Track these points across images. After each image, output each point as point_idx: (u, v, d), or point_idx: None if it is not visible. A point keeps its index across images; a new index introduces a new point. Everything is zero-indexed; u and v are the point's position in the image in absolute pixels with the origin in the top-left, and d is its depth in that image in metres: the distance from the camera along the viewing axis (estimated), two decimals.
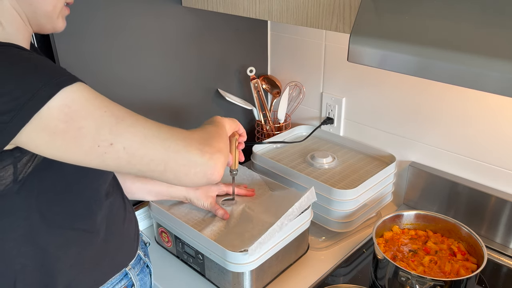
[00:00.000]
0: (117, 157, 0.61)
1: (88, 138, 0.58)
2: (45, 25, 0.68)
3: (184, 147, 0.66)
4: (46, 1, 0.66)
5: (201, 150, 0.67)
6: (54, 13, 0.67)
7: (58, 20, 0.69)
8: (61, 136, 0.57)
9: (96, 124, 0.58)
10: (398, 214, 1.07)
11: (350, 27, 0.82)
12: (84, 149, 0.59)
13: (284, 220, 0.95)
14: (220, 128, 0.81)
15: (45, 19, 0.68)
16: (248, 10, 1.01)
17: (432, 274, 0.94)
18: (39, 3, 0.65)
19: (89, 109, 0.58)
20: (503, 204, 1.06)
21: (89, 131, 0.58)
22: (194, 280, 1.03)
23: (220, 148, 0.71)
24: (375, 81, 1.25)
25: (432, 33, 0.67)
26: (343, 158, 1.28)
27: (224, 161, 0.70)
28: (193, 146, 0.67)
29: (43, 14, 0.67)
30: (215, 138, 0.73)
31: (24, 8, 0.65)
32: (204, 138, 0.71)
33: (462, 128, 1.11)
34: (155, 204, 1.08)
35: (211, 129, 0.77)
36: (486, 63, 0.62)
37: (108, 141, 0.59)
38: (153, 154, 0.63)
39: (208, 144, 0.69)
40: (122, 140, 0.60)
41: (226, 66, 1.40)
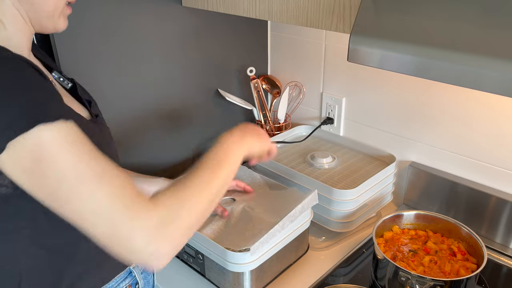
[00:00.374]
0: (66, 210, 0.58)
1: (48, 188, 0.57)
2: (46, 25, 0.68)
3: (131, 229, 0.58)
4: (47, 1, 0.66)
5: (150, 240, 0.58)
6: (55, 13, 0.67)
7: (59, 20, 0.69)
8: (28, 174, 0.56)
9: (58, 177, 0.56)
10: (398, 214, 1.07)
11: (350, 27, 0.82)
12: (43, 194, 0.58)
13: (286, 221, 0.95)
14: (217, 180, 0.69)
15: (46, 19, 0.67)
16: (248, 10, 1.01)
17: (432, 274, 0.94)
18: (41, 3, 0.65)
19: (58, 158, 0.56)
20: (503, 204, 1.06)
21: (51, 182, 0.56)
22: (194, 280, 1.03)
23: (181, 239, 0.62)
24: (375, 81, 1.25)
25: (432, 33, 0.67)
26: (343, 158, 1.28)
27: (175, 251, 0.62)
28: (143, 232, 0.58)
29: (45, 14, 0.66)
30: (183, 216, 0.63)
31: (26, 8, 0.65)
32: (168, 217, 0.61)
33: (462, 128, 1.11)
34: None
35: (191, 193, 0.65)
36: (486, 63, 0.62)
37: (64, 199, 0.57)
38: (101, 224, 0.58)
39: (166, 234, 0.59)
40: (76, 201, 0.57)
41: (226, 66, 1.40)
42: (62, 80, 0.79)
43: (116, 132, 1.15)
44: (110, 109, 1.13)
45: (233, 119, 1.48)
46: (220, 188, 0.71)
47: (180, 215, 0.62)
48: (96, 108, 0.84)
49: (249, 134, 0.83)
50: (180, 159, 1.35)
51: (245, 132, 0.82)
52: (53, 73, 0.78)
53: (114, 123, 1.15)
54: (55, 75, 0.78)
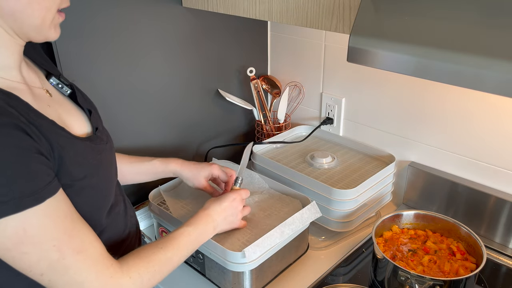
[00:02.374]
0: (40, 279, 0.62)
1: (26, 264, 0.59)
2: (35, 37, 0.64)
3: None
4: (33, 15, 0.61)
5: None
6: (43, 25, 0.63)
7: (49, 31, 0.65)
8: (3, 251, 0.58)
9: (40, 255, 0.59)
10: (397, 214, 1.07)
11: (350, 27, 0.82)
12: (18, 267, 0.60)
13: (284, 228, 0.95)
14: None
15: (34, 32, 0.63)
16: (248, 11, 1.02)
17: (431, 273, 0.94)
18: (25, 18, 0.61)
19: (41, 238, 0.59)
20: (502, 204, 1.07)
21: (30, 259, 0.59)
22: (194, 279, 1.03)
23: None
24: (374, 82, 1.25)
25: (431, 34, 0.67)
26: (342, 158, 1.28)
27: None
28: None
29: (31, 28, 0.62)
30: None
31: (10, 23, 0.60)
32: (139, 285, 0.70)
33: (462, 128, 1.11)
34: (155, 204, 1.08)
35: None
36: (486, 63, 0.62)
37: (41, 273, 0.61)
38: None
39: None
40: (52, 276, 0.61)
41: (226, 67, 1.40)
42: (60, 86, 0.76)
43: (116, 132, 1.16)
44: (110, 109, 1.13)
45: (233, 120, 1.48)
46: (189, 254, 0.82)
47: (151, 282, 0.72)
48: (97, 117, 0.81)
49: (224, 222, 0.92)
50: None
51: (222, 218, 0.91)
52: (51, 79, 0.75)
53: (114, 123, 1.15)
54: (53, 82, 0.75)
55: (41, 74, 0.75)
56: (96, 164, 0.71)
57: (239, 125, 1.51)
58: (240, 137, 1.54)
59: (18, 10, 0.59)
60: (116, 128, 1.16)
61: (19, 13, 0.60)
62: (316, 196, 1.09)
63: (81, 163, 0.67)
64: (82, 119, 0.76)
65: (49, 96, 0.71)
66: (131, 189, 1.23)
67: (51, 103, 0.70)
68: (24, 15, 0.60)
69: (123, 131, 1.18)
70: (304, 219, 1.00)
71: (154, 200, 1.10)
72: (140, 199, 1.26)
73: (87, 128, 0.76)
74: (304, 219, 1.00)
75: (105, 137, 0.79)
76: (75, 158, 0.65)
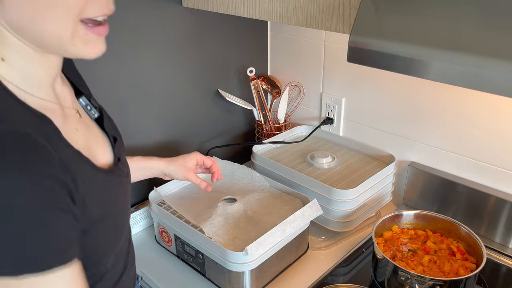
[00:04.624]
0: None
1: None
2: (63, 54, 0.55)
3: None
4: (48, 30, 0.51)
5: None
6: (63, 41, 0.52)
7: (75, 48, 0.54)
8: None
9: None
10: (397, 214, 1.07)
11: (350, 27, 0.82)
12: None
13: (285, 226, 0.95)
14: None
15: (58, 49, 0.54)
16: (248, 11, 1.02)
17: (431, 273, 0.94)
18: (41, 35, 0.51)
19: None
20: (502, 204, 1.07)
21: None
22: (194, 279, 1.03)
23: None
24: (374, 82, 1.25)
25: (431, 34, 0.67)
26: (342, 158, 1.28)
27: None
28: None
29: (52, 44, 0.53)
30: None
31: (27, 38, 0.52)
32: None
33: (462, 128, 1.11)
34: (155, 204, 1.08)
35: None
36: (486, 63, 0.62)
37: None
38: None
39: None
40: None
41: (226, 67, 1.40)
42: (89, 108, 0.70)
43: None
44: (109, 109, 1.13)
45: (233, 120, 1.48)
46: None
47: None
48: (121, 146, 0.74)
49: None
50: None
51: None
52: (81, 99, 0.69)
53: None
54: (83, 102, 0.69)
55: (72, 91, 0.68)
56: (114, 201, 0.64)
57: (239, 125, 1.52)
58: (240, 137, 1.54)
59: (28, 28, 0.51)
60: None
61: (31, 31, 0.51)
62: (316, 196, 1.09)
63: (101, 203, 0.60)
64: (106, 146, 0.69)
65: (78, 117, 0.65)
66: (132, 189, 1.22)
67: (79, 126, 0.63)
68: (37, 32, 0.51)
69: (122, 131, 1.17)
70: (306, 217, 1.00)
71: (154, 200, 1.10)
72: (140, 199, 1.26)
73: (110, 157, 0.68)
74: (305, 217, 1.00)
75: (126, 168, 0.72)
76: (96, 197, 0.58)
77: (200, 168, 1.09)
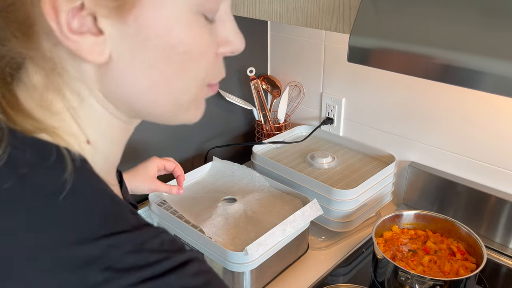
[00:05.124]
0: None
1: None
2: (165, 123, 0.47)
3: None
4: (159, 101, 0.42)
5: None
6: (178, 110, 0.45)
7: (188, 114, 0.47)
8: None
9: None
10: (397, 214, 1.07)
11: (350, 27, 0.82)
12: None
13: (285, 226, 0.95)
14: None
15: (162, 119, 0.45)
16: (248, 11, 1.01)
17: (431, 273, 0.94)
18: (148, 105, 0.42)
19: None
20: (502, 204, 1.06)
21: None
22: None
23: None
24: (375, 82, 1.25)
25: (432, 33, 0.67)
26: (342, 158, 1.28)
27: None
28: None
29: (157, 115, 0.45)
30: None
31: (127, 112, 0.44)
32: None
33: (462, 128, 1.11)
34: (155, 204, 1.08)
35: None
36: (486, 63, 0.62)
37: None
38: None
39: None
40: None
41: (226, 66, 1.39)
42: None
43: None
44: None
45: (233, 119, 1.48)
46: None
47: None
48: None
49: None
50: (180, 159, 1.36)
51: None
52: None
53: None
54: None
55: None
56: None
57: (239, 125, 1.51)
58: (240, 137, 1.54)
59: (136, 98, 0.42)
60: None
61: (138, 101, 0.42)
62: (316, 196, 1.09)
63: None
64: None
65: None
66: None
67: None
68: (146, 102, 0.42)
69: None
70: (306, 217, 1.00)
71: (154, 200, 1.10)
72: (140, 199, 1.26)
73: None
74: (305, 217, 1.00)
75: None
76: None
77: (161, 172, 1.01)
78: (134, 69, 0.40)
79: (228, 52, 0.47)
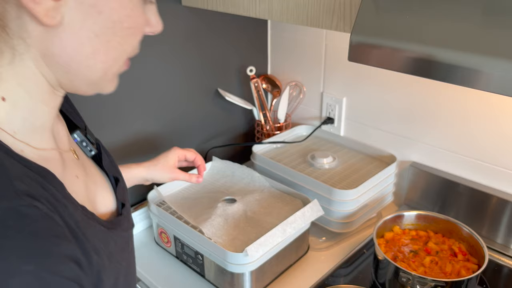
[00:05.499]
0: None
1: None
2: (86, 91, 0.50)
3: None
4: (94, 68, 0.47)
5: None
6: (104, 79, 0.50)
7: (107, 85, 0.51)
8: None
9: None
10: (399, 215, 1.07)
11: (351, 26, 0.82)
12: None
13: (286, 227, 0.95)
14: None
15: (87, 86, 0.49)
16: (248, 10, 1.01)
17: (433, 274, 0.94)
18: (83, 70, 0.47)
19: None
20: (504, 204, 1.06)
21: None
22: (194, 281, 1.03)
23: None
24: (375, 81, 1.25)
25: (433, 33, 0.67)
26: (343, 158, 1.28)
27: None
28: None
29: (86, 81, 0.49)
30: None
31: (59, 75, 0.47)
32: None
33: (464, 128, 1.11)
34: (154, 204, 1.07)
35: None
36: (488, 62, 0.61)
37: None
38: None
39: None
40: None
41: (226, 66, 1.39)
42: (84, 145, 0.62)
43: (114, 132, 1.15)
44: (108, 109, 1.12)
45: (233, 119, 1.48)
46: None
47: None
48: (124, 188, 0.66)
49: None
50: None
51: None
52: (75, 134, 0.61)
53: (112, 123, 1.14)
54: (78, 138, 0.61)
55: (65, 126, 0.60)
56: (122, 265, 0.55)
57: (239, 125, 1.51)
58: (240, 137, 1.53)
59: (75, 61, 0.46)
60: (115, 128, 1.15)
61: (76, 65, 0.46)
62: (316, 197, 1.08)
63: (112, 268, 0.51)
64: (106, 189, 0.61)
65: (76, 160, 0.56)
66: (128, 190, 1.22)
67: (78, 171, 0.55)
68: (82, 67, 0.46)
69: (121, 131, 1.17)
70: (306, 218, 1.00)
71: (153, 200, 1.10)
72: (140, 199, 1.26)
73: (112, 203, 0.60)
74: (306, 218, 0.99)
75: (131, 217, 0.64)
76: (106, 263, 0.49)
77: (182, 163, 1.03)
78: (81, 36, 0.44)
79: (149, 32, 0.54)
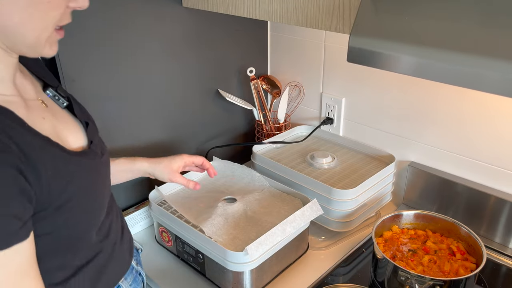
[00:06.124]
0: None
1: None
2: (29, 53, 0.62)
3: None
4: (26, 34, 0.59)
5: None
6: (38, 44, 0.61)
7: (44, 49, 0.62)
8: None
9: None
10: (397, 214, 1.07)
11: (350, 27, 0.82)
12: None
13: (285, 226, 0.95)
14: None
15: (27, 49, 0.62)
16: (248, 11, 1.02)
17: (431, 273, 0.94)
18: (17, 36, 0.59)
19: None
20: (502, 204, 1.07)
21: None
22: (195, 279, 1.03)
23: None
24: (374, 81, 1.25)
25: (431, 33, 0.67)
26: (342, 158, 1.28)
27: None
28: None
29: (24, 45, 0.60)
30: None
31: (2, 39, 0.59)
32: None
33: (462, 128, 1.11)
34: (155, 204, 1.08)
35: None
36: (486, 63, 0.62)
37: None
38: None
39: None
40: None
41: (226, 67, 1.40)
42: (57, 98, 0.74)
43: (114, 132, 1.16)
44: (108, 109, 1.13)
45: (233, 120, 1.48)
46: None
47: None
48: (94, 130, 0.79)
49: None
50: None
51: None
52: (48, 90, 0.74)
53: (113, 123, 1.15)
54: (50, 93, 0.74)
55: (37, 84, 0.73)
56: (89, 180, 0.69)
57: (239, 125, 1.51)
58: (240, 137, 1.54)
59: (9, 28, 0.58)
60: (115, 128, 1.16)
61: (11, 31, 0.58)
62: (316, 196, 1.09)
63: (74, 183, 0.65)
64: (78, 131, 0.74)
65: (44, 107, 0.70)
66: (130, 190, 1.23)
67: (46, 114, 0.68)
68: (17, 33, 0.58)
69: (122, 131, 1.18)
70: (306, 217, 1.00)
71: (154, 200, 1.10)
72: (140, 199, 1.26)
73: (83, 141, 0.74)
74: (305, 217, 1.00)
75: (100, 150, 0.76)
76: (68, 178, 0.64)
77: (192, 167, 1.08)
78: (12, 8, 0.56)
79: (76, 7, 0.63)
